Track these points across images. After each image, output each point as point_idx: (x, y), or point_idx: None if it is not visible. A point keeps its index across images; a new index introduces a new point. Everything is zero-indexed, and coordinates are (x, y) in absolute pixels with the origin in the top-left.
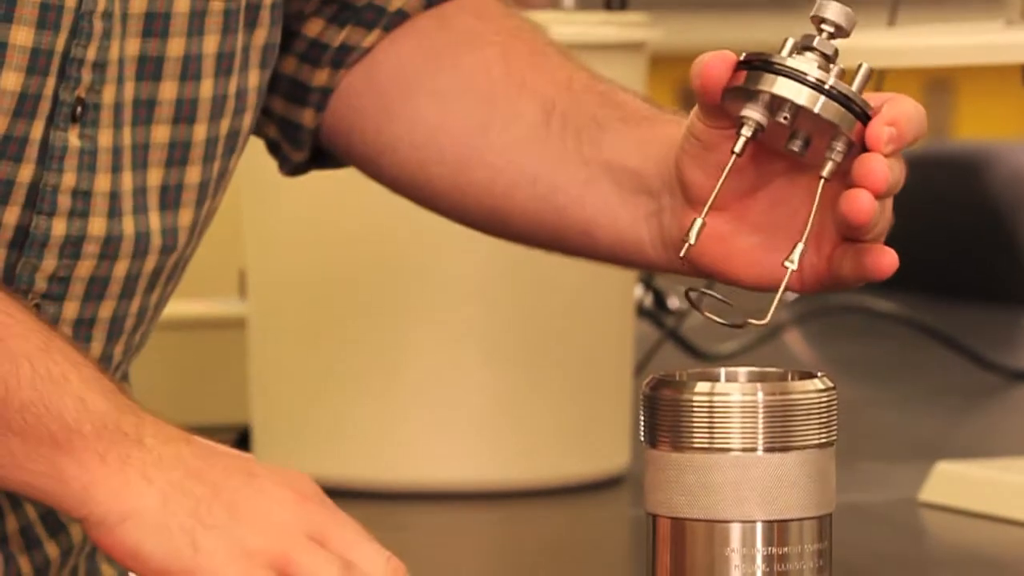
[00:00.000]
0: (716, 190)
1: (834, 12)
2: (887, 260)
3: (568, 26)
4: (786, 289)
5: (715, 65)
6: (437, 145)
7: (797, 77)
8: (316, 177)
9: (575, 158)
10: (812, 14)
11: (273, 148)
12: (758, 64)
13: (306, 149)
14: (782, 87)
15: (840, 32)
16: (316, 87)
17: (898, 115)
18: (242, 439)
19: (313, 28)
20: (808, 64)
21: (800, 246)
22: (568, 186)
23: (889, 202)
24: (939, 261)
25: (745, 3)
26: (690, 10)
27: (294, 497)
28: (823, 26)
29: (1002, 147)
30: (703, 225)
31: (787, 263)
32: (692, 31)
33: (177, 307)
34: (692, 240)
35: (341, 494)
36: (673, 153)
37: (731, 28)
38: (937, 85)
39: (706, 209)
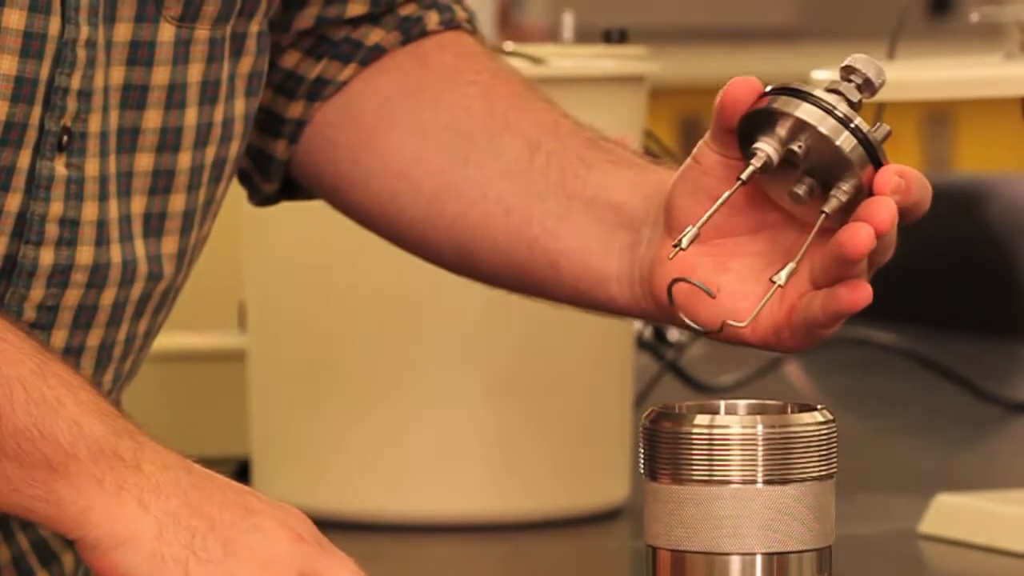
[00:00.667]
0: (715, 208)
1: (863, 64)
2: (863, 293)
3: (568, 59)
4: (737, 341)
5: (739, 88)
6: (413, 176)
7: (825, 108)
8: (315, 209)
9: (557, 192)
10: (842, 65)
11: (243, 178)
12: (786, 91)
13: (276, 180)
14: (809, 113)
15: (868, 86)
16: (290, 119)
17: (908, 172)
18: (241, 471)
19: (289, 60)
20: (837, 101)
21: (791, 265)
22: (544, 218)
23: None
24: (939, 293)
25: (745, 36)
26: (690, 43)
27: (290, 535)
28: (851, 76)
29: (1002, 180)
30: (697, 234)
31: (774, 278)
32: (692, 64)
33: (177, 340)
34: (685, 244)
35: (340, 526)
36: (663, 192)
37: (731, 61)
38: (937, 118)
39: (702, 221)
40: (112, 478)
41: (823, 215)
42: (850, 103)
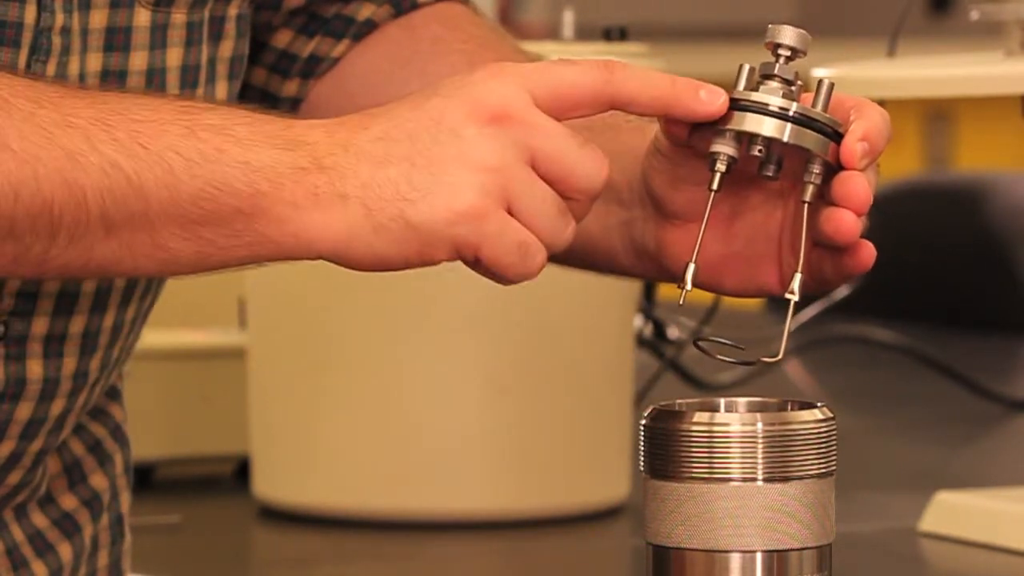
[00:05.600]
0: (701, 233)
1: (788, 36)
2: (866, 253)
3: (567, 56)
4: (770, 295)
5: None
6: None
7: (761, 111)
8: None
9: None
10: (767, 40)
11: None
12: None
13: None
14: (750, 123)
15: (797, 54)
16: (286, 98)
17: (869, 129)
18: (241, 469)
19: (282, 39)
20: (771, 94)
21: (798, 276)
22: None
23: None
24: (939, 291)
25: (745, 34)
26: (690, 41)
27: (491, 126)
28: (779, 51)
29: (1002, 177)
30: (696, 269)
31: (788, 295)
32: (692, 62)
33: (177, 337)
34: (688, 286)
35: (339, 524)
36: (638, 164)
37: (731, 59)
38: (937, 116)
39: (695, 253)
40: (303, 192)
41: (805, 204)
42: (787, 82)
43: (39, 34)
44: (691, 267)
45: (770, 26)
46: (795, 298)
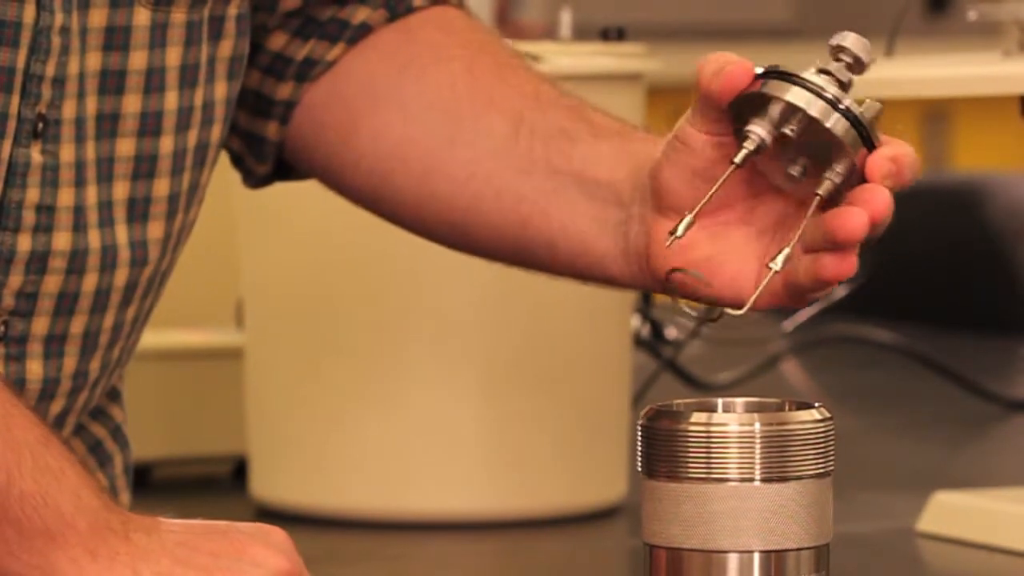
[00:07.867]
0: (710, 194)
1: (853, 42)
2: (848, 264)
3: (565, 57)
4: (731, 307)
5: (736, 73)
6: (402, 157)
7: (814, 90)
8: (314, 207)
9: (543, 168)
10: (831, 42)
11: (236, 161)
12: (776, 75)
13: (269, 162)
14: (798, 96)
15: (858, 65)
16: (280, 100)
17: (901, 155)
18: (238, 469)
19: (276, 42)
20: (826, 83)
21: (786, 250)
22: (534, 196)
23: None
24: (937, 291)
25: (743, 34)
26: (688, 41)
27: (282, 559)
28: (841, 55)
29: (1000, 178)
30: (692, 222)
31: (771, 265)
32: (690, 62)
33: (174, 337)
34: (680, 233)
35: (337, 524)
36: (646, 167)
37: None
38: (935, 116)
39: (698, 208)
40: (106, 549)
41: (818, 197)
42: (840, 83)
43: (38, 34)
44: (688, 218)
45: (839, 32)
46: (777, 268)
